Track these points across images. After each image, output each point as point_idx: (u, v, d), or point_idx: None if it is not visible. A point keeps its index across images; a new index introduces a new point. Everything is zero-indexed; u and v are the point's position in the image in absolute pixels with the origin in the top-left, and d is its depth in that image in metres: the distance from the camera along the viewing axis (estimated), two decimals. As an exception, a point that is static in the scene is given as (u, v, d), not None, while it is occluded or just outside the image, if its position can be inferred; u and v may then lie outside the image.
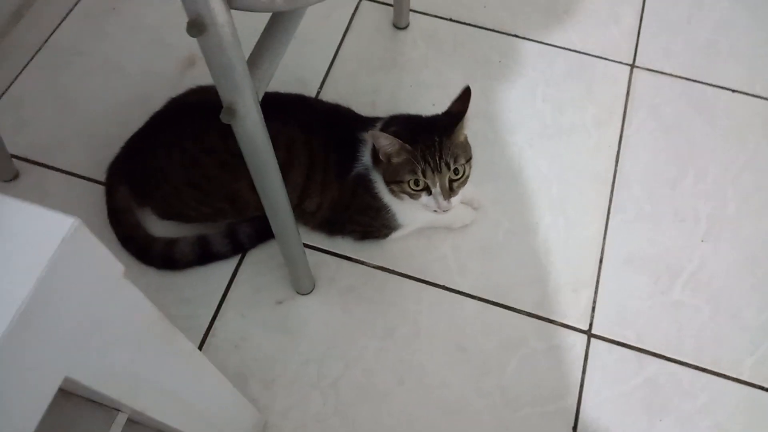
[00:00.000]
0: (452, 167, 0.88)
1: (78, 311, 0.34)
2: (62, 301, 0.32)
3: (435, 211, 0.91)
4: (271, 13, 0.59)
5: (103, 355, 0.38)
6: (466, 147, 0.92)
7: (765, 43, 1.28)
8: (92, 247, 0.33)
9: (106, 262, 0.35)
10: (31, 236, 0.30)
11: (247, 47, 0.62)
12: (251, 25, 0.65)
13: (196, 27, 0.47)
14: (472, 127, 1.03)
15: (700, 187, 1.12)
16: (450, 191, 0.89)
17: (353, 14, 1.32)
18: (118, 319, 0.38)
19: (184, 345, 0.50)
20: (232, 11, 0.51)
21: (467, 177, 0.91)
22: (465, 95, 0.88)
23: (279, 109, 0.97)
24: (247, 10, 0.51)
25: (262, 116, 0.61)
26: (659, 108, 1.20)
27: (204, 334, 0.98)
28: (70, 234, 0.31)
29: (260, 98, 0.59)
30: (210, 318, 0.99)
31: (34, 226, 0.31)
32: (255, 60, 0.57)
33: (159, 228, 1.05)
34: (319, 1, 0.51)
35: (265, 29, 0.60)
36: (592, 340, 0.99)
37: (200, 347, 0.97)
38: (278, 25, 0.59)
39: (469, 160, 0.92)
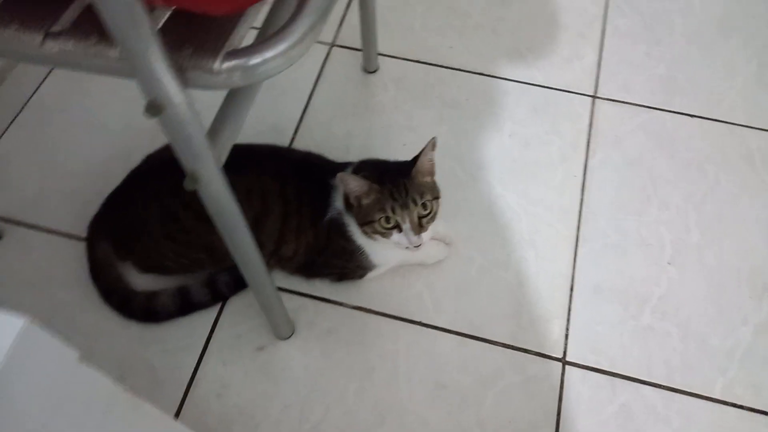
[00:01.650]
0: (419, 203, 0.91)
1: (35, 403, 0.36)
2: (18, 397, 0.34)
3: (407, 247, 0.94)
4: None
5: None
6: (433, 187, 0.97)
7: (720, 75, 1.34)
8: (44, 341, 0.36)
9: (59, 352, 0.37)
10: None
11: (211, 105, 0.66)
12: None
13: (154, 108, 0.50)
14: (443, 167, 1.07)
15: (663, 215, 1.16)
16: (420, 227, 0.93)
17: (325, 60, 1.37)
18: (78, 403, 0.41)
19: (153, 414, 0.52)
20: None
21: (435, 213, 0.95)
22: (428, 144, 0.92)
23: (252, 161, 1.01)
24: (203, 89, 0.55)
25: (226, 179, 0.65)
26: (622, 139, 1.25)
27: (187, 386, 1.00)
28: (21, 334, 0.33)
29: (222, 163, 0.63)
30: (192, 368, 1.01)
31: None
32: (216, 129, 0.61)
33: (140, 281, 1.08)
34: (273, 76, 0.54)
35: (225, 99, 0.64)
36: (567, 367, 1.01)
37: (184, 398, 0.99)
38: (237, 95, 0.63)
39: (436, 198, 0.96)
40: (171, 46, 0.51)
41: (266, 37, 0.53)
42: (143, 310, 1.04)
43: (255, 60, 0.52)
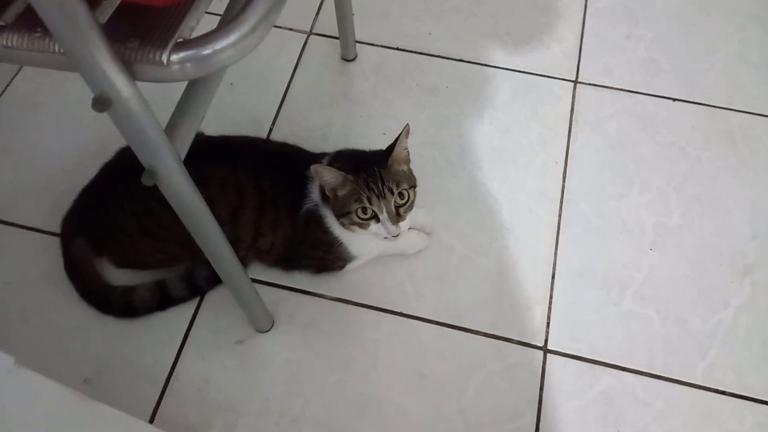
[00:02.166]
0: (396, 192, 0.90)
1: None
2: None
3: (385, 237, 0.93)
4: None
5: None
6: (409, 176, 0.95)
7: (700, 57, 1.32)
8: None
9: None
10: None
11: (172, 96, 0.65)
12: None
13: (101, 103, 0.49)
14: (422, 154, 1.06)
15: (645, 198, 1.15)
16: (397, 216, 0.91)
17: (302, 49, 1.35)
18: (21, 407, 0.40)
19: (108, 414, 0.51)
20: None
21: (412, 202, 0.94)
22: (402, 131, 0.91)
23: (227, 153, 0.99)
24: (154, 82, 0.53)
25: (187, 174, 0.63)
26: (603, 122, 1.24)
27: (166, 380, 0.99)
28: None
29: (183, 157, 0.61)
30: (171, 363, 1.01)
31: None
32: (174, 123, 0.60)
33: (117, 276, 1.06)
34: (231, 64, 0.53)
35: (184, 91, 0.62)
36: (548, 355, 1.01)
37: (162, 393, 0.98)
38: (196, 88, 0.61)
39: (413, 186, 0.94)
40: (116, 38, 0.50)
41: (217, 27, 0.51)
42: (121, 305, 1.03)
43: (206, 51, 0.51)
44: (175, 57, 0.50)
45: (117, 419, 0.56)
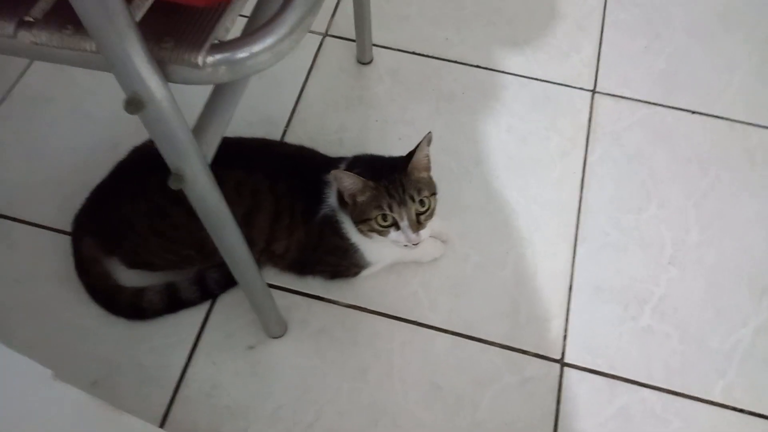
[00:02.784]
0: (417, 199, 0.89)
1: (8, 425, 0.33)
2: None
3: (405, 245, 0.92)
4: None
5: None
6: (430, 183, 0.94)
7: (719, 70, 1.31)
8: (12, 361, 0.33)
9: (31, 370, 0.35)
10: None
11: (196, 102, 0.63)
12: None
13: (134, 105, 0.47)
14: (438, 161, 1.04)
15: (663, 213, 1.13)
16: (418, 224, 0.90)
17: (317, 51, 1.34)
18: (57, 420, 0.38)
19: (135, 425, 0.49)
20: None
21: (433, 210, 0.92)
22: (424, 139, 0.89)
23: (242, 155, 0.98)
24: (186, 84, 0.51)
25: (213, 178, 0.62)
26: (621, 134, 1.22)
27: (176, 385, 0.97)
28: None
29: (209, 161, 0.60)
30: (181, 368, 0.99)
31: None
32: (201, 126, 0.58)
33: (128, 277, 1.05)
34: (260, 71, 0.51)
35: (211, 94, 0.61)
36: (565, 369, 0.99)
37: (172, 398, 0.96)
38: (224, 91, 0.60)
39: (433, 194, 0.93)
40: (151, 38, 0.48)
41: (253, 29, 0.50)
42: (130, 306, 1.02)
43: (241, 54, 0.49)
44: (210, 59, 0.49)
45: (143, 429, 0.55)
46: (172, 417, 0.96)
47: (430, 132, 0.89)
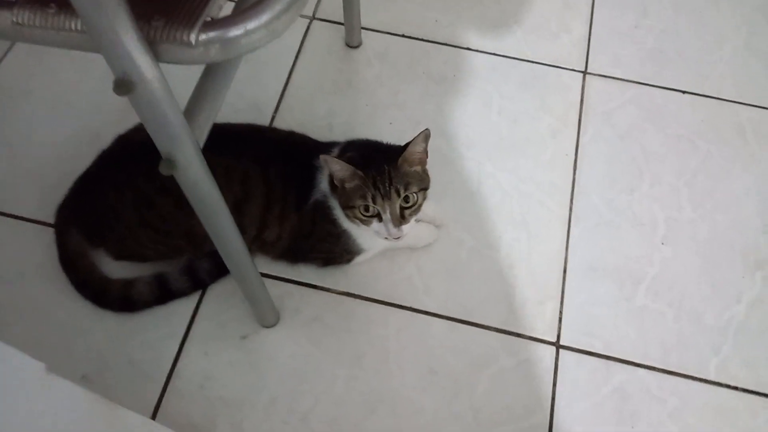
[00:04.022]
0: (402, 194, 0.87)
1: (2, 418, 0.32)
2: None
3: (386, 238, 0.90)
4: (206, 60, 0.58)
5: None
6: (421, 178, 0.92)
7: (709, 48, 1.31)
8: (7, 353, 0.31)
9: (23, 364, 0.33)
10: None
11: (186, 87, 0.61)
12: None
13: (124, 86, 0.45)
14: (430, 145, 1.02)
15: (656, 191, 1.13)
16: (401, 219, 0.88)
17: (304, 35, 1.31)
18: (50, 415, 0.36)
19: (131, 419, 0.48)
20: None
21: (419, 206, 0.90)
22: (420, 135, 0.87)
23: (231, 142, 0.95)
24: (177, 64, 0.49)
25: (205, 163, 0.60)
26: (612, 114, 1.22)
27: (167, 377, 0.95)
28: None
29: (201, 145, 0.58)
30: (172, 359, 0.97)
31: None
32: (192, 109, 0.56)
33: (115, 269, 1.02)
34: (254, 50, 0.49)
35: (201, 76, 0.58)
36: (561, 351, 0.99)
37: (164, 391, 0.94)
38: (215, 72, 0.57)
39: (423, 189, 0.91)
40: (140, 16, 0.46)
41: (248, 6, 0.48)
42: (119, 299, 0.99)
43: (235, 32, 0.47)
44: (203, 37, 0.47)
45: (141, 423, 0.54)
46: (164, 410, 0.94)
47: (427, 129, 0.87)
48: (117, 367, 0.96)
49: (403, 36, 1.31)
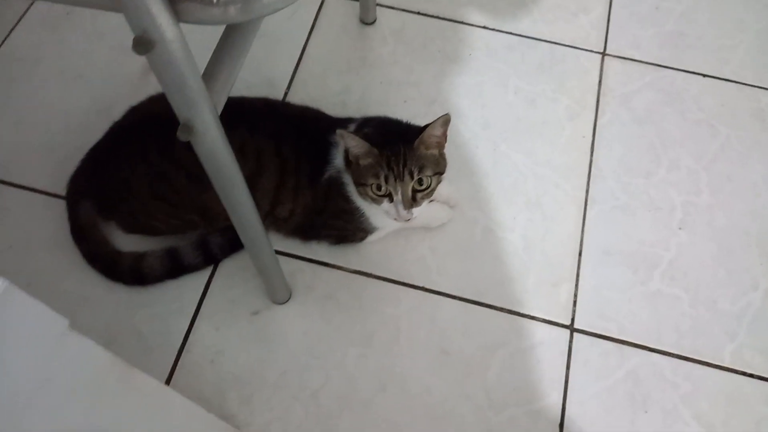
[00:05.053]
0: (416, 177, 0.85)
1: (20, 374, 0.31)
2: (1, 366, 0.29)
3: (395, 219, 0.89)
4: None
5: (55, 412, 0.35)
6: (438, 161, 0.90)
7: (729, 32, 1.28)
8: (26, 307, 0.30)
9: (45, 318, 0.32)
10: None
11: (204, 55, 0.59)
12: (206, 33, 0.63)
13: (143, 44, 0.44)
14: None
15: (673, 176, 1.12)
16: (412, 201, 0.87)
17: (318, 11, 1.29)
18: (69, 374, 0.35)
19: (147, 383, 0.47)
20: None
21: (432, 190, 0.89)
22: (439, 119, 0.85)
23: (245, 116, 0.94)
24: (197, 24, 0.48)
25: (223, 131, 0.58)
26: (631, 97, 1.20)
27: (178, 352, 0.95)
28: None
29: (219, 112, 0.56)
30: (183, 334, 0.96)
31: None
32: (211, 73, 0.54)
33: (126, 242, 1.01)
34: (275, 11, 0.48)
35: (220, 39, 0.57)
36: (575, 334, 0.98)
37: (174, 365, 0.94)
38: (234, 35, 0.56)
39: (438, 173, 0.89)
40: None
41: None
42: (130, 272, 0.99)
43: (257, -10, 0.46)
44: (224, -5, 0.45)
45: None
46: (175, 384, 0.94)
47: (447, 114, 0.85)
48: (126, 340, 0.96)
49: (418, 13, 1.29)
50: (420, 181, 0.86)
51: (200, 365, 0.95)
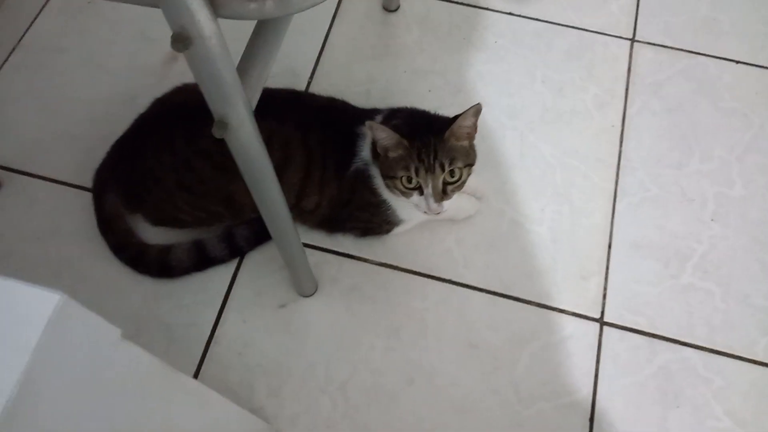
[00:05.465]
0: (447, 168, 0.84)
1: (76, 385, 0.31)
2: (56, 376, 0.29)
3: (425, 212, 0.88)
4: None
5: (107, 417, 0.35)
6: (468, 153, 0.88)
7: (764, 17, 1.24)
8: (83, 318, 0.30)
9: (99, 329, 0.32)
10: (18, 317, 0.27)
11: (234, 52, 0.58)
12: (237, 28, 0.61)
13: (181, 41, 0.43)
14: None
15: (705, 167, 1.09)
16: (443, 194, 0.85)
17: (341, -1, 1.27)
18: (120, 380, 0.35)
19: (188, 384, 0.47)
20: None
21: (463, 182, 0.88)
22: (470, 109, 0.83)
23: (272, 106, 0.91)
24: (233, 19, 0.47)
25: (257, 126, 0.57)
26: (662, 85, 1.17)
27: (206, 344, 0.95)
28: (57, 312, 0.27)
29: (253, 107, 0.55)
30: (211, 326, 0.97)
31: (19, 307, 0.27)
32: (245, 68, 0.53)
33: (152, 234, 1.02)
34: (313, 6, 0.47)
35: (253, 34, 0.56)
36: (605, 328, 0.97)
37: (203, 357, 0.94)
38: (267, 30, 0.55)
39: (468, 165, 0.88)
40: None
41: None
42: (157, 264, 0.99)
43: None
44: (262, -10, 0.44)
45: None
46: (203, 375, 0.94)
47: (479, 104, 0.83)
48: (155, 332, 0.96)
49: (442, 0, 1.26)
50: (452, 173, 0.85)
51: (228, 357, 0.95)
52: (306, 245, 1.02)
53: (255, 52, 0.55)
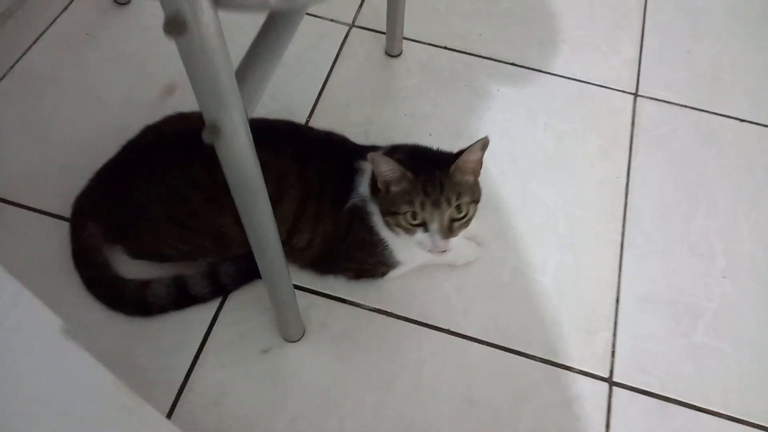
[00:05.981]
0: (454, 204, 0.80)
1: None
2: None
3: (429, 251, 0.82)
4: (261, 22, 0.52)
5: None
6: (474, 188, 0.85)
7: (765, 75, 1.24)
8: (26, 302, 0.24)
9: (42, 318, 0.26)
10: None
11: (234, 57, 0.55)
12: (239, 28, 0.58)
13: (176, 25, 0.39)
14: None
15: (712, 220, 1.05)
16: (449, 231, 0.81)
17: (343, 41, 1.26)
18: (59, 386, 0.29)
19: (152, 417, 0.40)
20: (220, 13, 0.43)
21: (470, 219, 0.83)
22: (477, 143, 0.80)
23: (268, 137, 0.88)
24: (235, 9, 0.43)
25: (251, 136, 0.53)
26: (666, 138, 1.15)
27: (179, 389, 0.87)
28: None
29: (250, 116, 0.51)
30: (186, 370, 0.88)
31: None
32: (244, 71, 0.49)
33: (130, 269, 0.95)
34: (317, 3, 0.43)
35: (256, 38, 0.52)
36: (614, 388, 0.90)
37: (174, 404, 0.86)
38: (271, 31, 0.51)
39: (475, 201, 0.84)
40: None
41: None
42: (133, 301, 0.92)
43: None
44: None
45: (159, 423, 0.46)
46: (174, 425, 0.85)
47: (486, 137, 0.80)
48: (126, 375, 0.86)
49: (445, 48, 1.26)
50: (458, 208, 0.80)
51: (203, 406, 0.86)
52: (294, 287, 0.95)
53: (257, 55, 0.51)
